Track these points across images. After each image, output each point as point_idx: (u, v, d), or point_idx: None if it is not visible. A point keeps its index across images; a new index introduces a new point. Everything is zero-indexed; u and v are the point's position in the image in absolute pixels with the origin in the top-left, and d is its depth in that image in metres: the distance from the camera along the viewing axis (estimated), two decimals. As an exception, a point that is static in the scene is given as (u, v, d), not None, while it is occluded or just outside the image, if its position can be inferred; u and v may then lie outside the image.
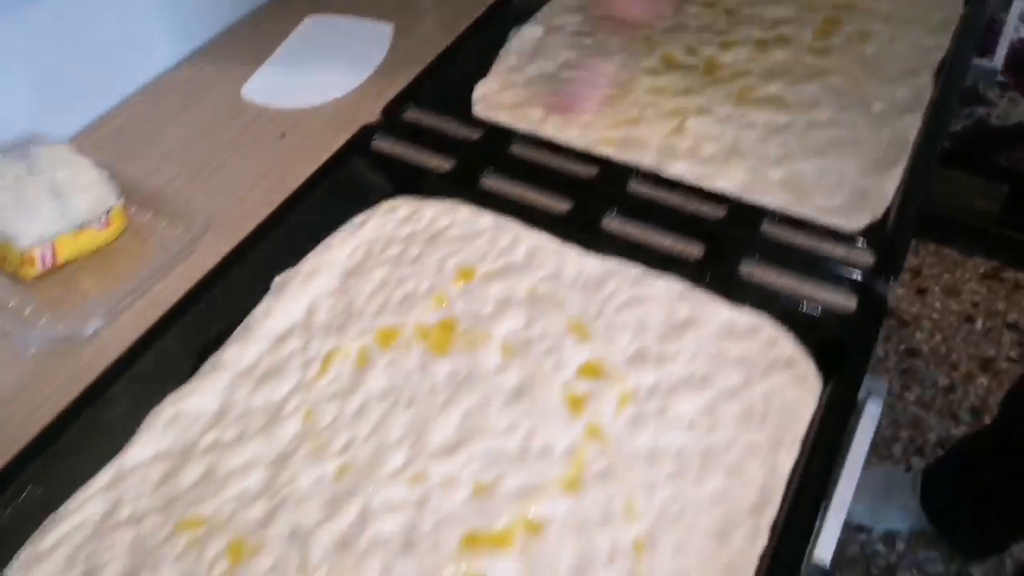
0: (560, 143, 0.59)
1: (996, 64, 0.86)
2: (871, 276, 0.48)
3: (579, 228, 0.53)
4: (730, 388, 0.45)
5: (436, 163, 0.59)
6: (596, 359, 0.47)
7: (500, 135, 0.60)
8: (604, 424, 0.45)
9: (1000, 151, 1.45)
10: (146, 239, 0.57)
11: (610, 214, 0.54)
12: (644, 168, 0.57)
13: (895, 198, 0.54)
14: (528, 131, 0.61)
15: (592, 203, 0.54)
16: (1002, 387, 1.45)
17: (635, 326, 0.49)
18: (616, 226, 0.53)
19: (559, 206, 0.55)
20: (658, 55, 0.68)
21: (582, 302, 0.50)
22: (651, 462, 0.43)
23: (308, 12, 0.77)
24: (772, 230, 0.52)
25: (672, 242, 0.52)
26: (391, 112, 0.62)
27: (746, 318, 0.48)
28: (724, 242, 0.51)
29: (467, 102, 0.65)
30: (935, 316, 1.59)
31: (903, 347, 1.54)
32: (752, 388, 0.45)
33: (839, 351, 0.45)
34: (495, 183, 0.57)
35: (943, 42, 0.67)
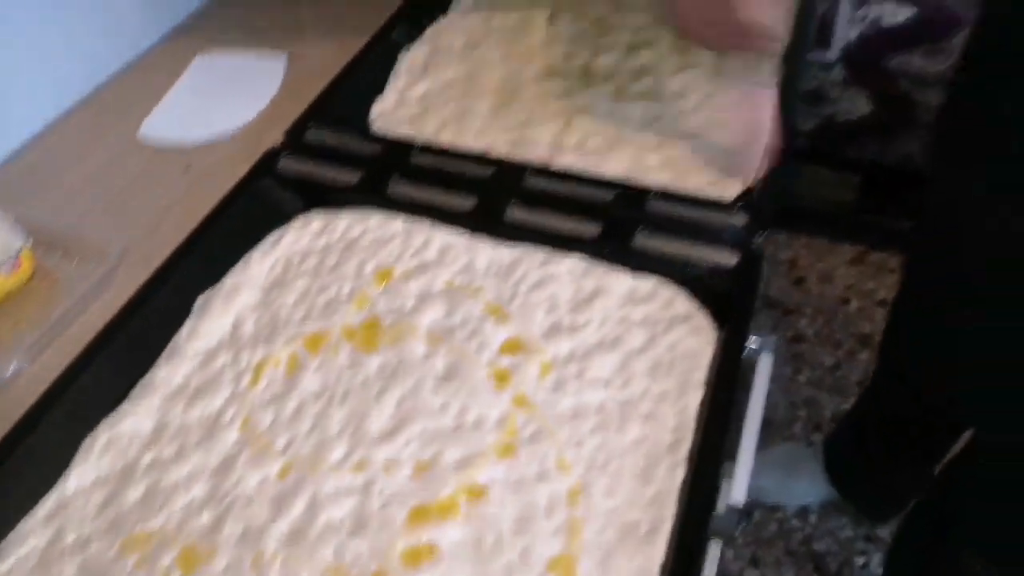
0: (458, 149, 0.63)
1: (831, 56, 0.97)
2: (746, 234, 0.54)
3: (485, 222, 0.57)
4: (638, 347, 0.50)
5: (343, 177, 0.62)
6: (515, 336, 0.51)
7: (401, 147, 0.63)
8: (529, 392, 0.48)
9: (849, 144, 1.60)
10: (58, 279, 0.57)
11: (512, 206, 0.58)
12: (537, 163, 0.62)
13: (760, 170, 0.60)
14: (426, 141, 0.65)
15: (494, 198, 0.58)
16: (880, 357, 1.58)
17: (547, 303, 0.53)
18: (519, 216, 0.58)
19: (464, 204, 0.59)
20: (539, 64, 0.73)
21: (497, 288, 0.54)
22: (576, 420, 0.47)
23: (199, 50, 0.79)
24: (657, 206, 0.57)
25: (571, 225, 0.57)
26: (294, 134, 0.65)
27: (645, 284, 0.53)
28: (617, 220, 0.56)
29: (366, 120, 0.69)
30: (814, 302, 1.72)
31: (790, 334, 1.66)
32: (657, 344, 0.50)
33: (728, 301, 0.51)
34: (402, 190, 0.60)
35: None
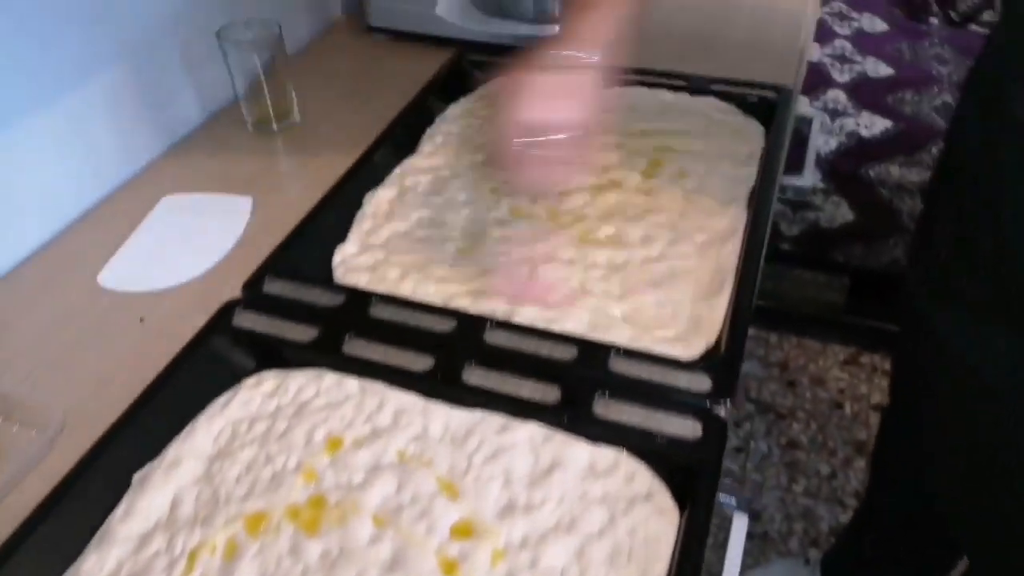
0: (418, 301, 0.62)
1: (806, 182, 0.97)
2: (709, 401, 0.52)
3: (442, 383, 0.56)
4: (597, 529, 0.47)
5: (299, 333, 0.60)
6: (467, 518, 0.48)
7: (360, 299, 0.62)
8: (480, 582, 0.45)
9: (835, 248, 1.60)
10: (-5, 447, 0.55)
11: (470, 366, 0.56)
12: (498, 317, 0.60)
13: (724, 323, 0.59)
14: (387, 292, 0.63)
15: (452, 357, 0.57)
16: (876, 466, 1.54)
17: (503, 476, 0.50)
18: (477, 378, 0.56)
19: (421, 363, 0.57)
20: (506, 206, 0.73)
21: (450, 458, 0.52)
22: (529, 614, 0.44)
23: (165, 192, 0.79)
24: (619, 366, 0.55)
25: (531, 388, 0.55)
26: (251, 286, 0.63)
27: (605, 455, 0.51)
28: (577, 382, 0.54)
29: (328, 267, 0.68)
30: (808, 406, 1.69)
31: (784, 440, 1.62)
32: (617, 526, 0.47)
33: (690, 477, 0.48)
34: (358, 348, 0.59)
35: (751, 172, 0.75)
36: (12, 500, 0.52)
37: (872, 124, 1.50)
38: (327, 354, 0.58)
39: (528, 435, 0.52)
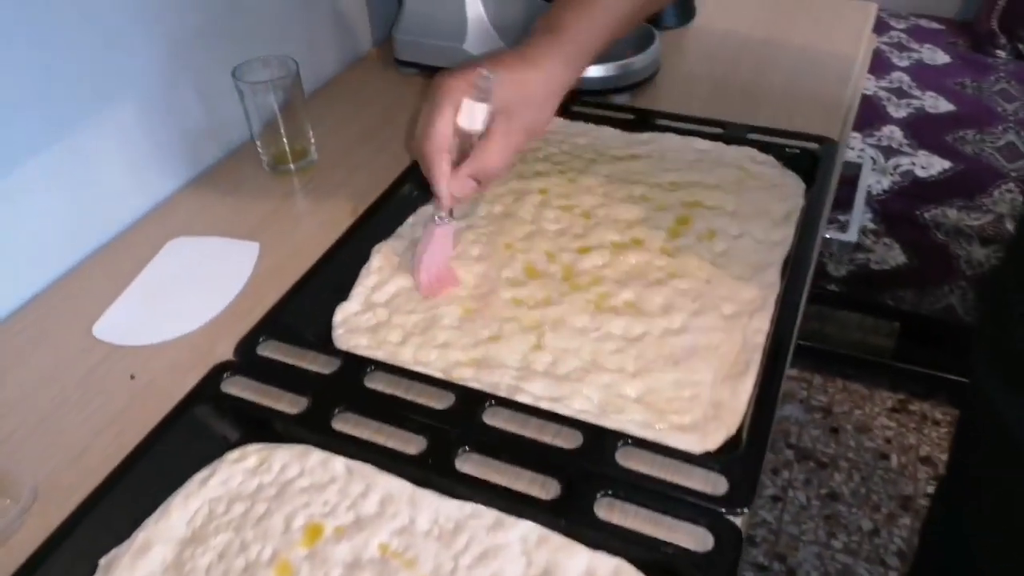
0: (416, 370, 0.58)
1: (851, 238, 0.91)
2: (725, 506, 0.47)
3: (434, 469, 0.51)
4: (589, 652, 0.43)
5: (289, 403, 0.57)
6: (448, 628, 0.44)
7: (356, 367, 0.58)
8: None
9: (885, 292, 1.52)
10: (-35, 516, 0.52)
11: (465, 452, 0.52)
12: (500, 394, 0.56)
13: (747, 412, 0.54)
14: (385, 359, 0.60)
15: (447, 440, 0.53)
16: (923, 525, 1.45)
17: (491, 582, 0.46)
18: (472, 466, 0.52)
19: (414, 445, 0.53)
20: (520, 264, 0.69)
21: (436, 557, 0.47)
22: None
23: (173, 234, 0.76)
24: (627, 459, 0.51)
25: (529, 479, 0.51)
26: (244, 348, 0.60)
27: (604, 564, 0.46)
28: (580, 478, 0.50)
29: (328, 326, 0.64)
30: (851, 456, 1.60)
31: (823, 491, 1.54)
32: (611, 650, 0.42)
33: (698, 598, 0.43)
34: (349, 423, 0.55)
35: (787, 235, 0.69)
36: (-21, 575, 0.49)
37: (929, 164, 1.42)
38: (316, 428, 0.55)
39: (522, 535, 0.48)
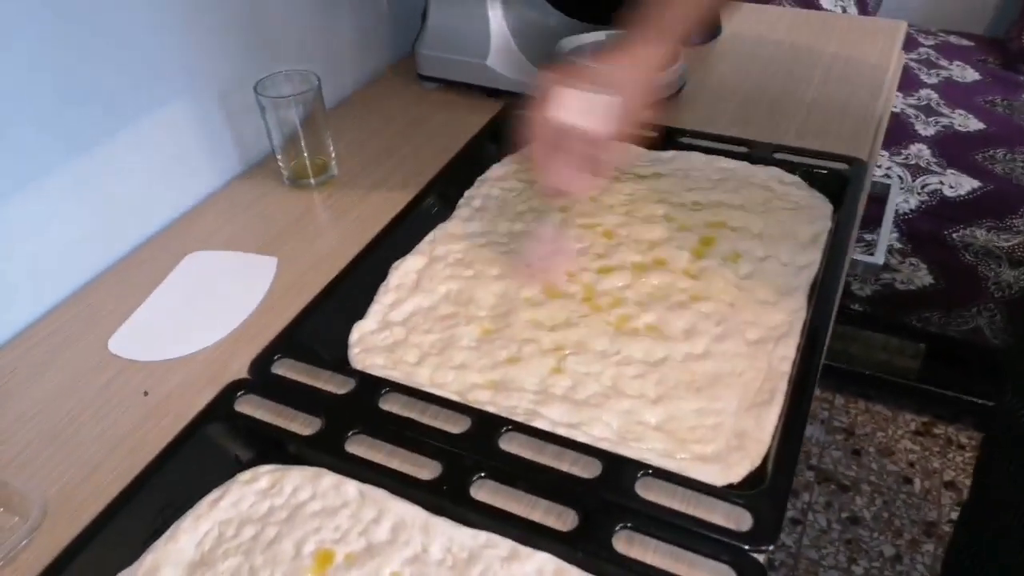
0: (432, 391, 0.57)
1: (878, 260, 0.89)
2: (748, 542, 0.46)
3: (448, 496, 0.50)
4: None
5: (302, 423, 0.56)
6: (460, 663, 0.43)
7: (371, 387, 0.57)
8: None
9: (910, 312, 1.49)
10: (-27, 533, 0.52)
11: (480, 478, 0.51)
12: (517, 418, 0.55)
13: (773, 443, 0.52)
14: (400, 379, 0.59)
15: (462, 466, 0.51)
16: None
17: (505, 615, 0.45)
18: (486, 493, 0.50)
19: (428, 470, 0.52)
20: (540, 284, 0.68)
21: (448, 588, 0.46)
22: None
23: (192, 247, 0.76)
24: (647, 490, 0.49)
25: (545, 509, 0.49)
26: (258, 367, 0.60)
27: (622, 601, 0.44)
28: (598, 509, 0.48)
29: (344, 344, 0.63)
30: (873, 479, 1.57)
31: (844, 515, 1.51)
32: None
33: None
34: (363, 446, 0.54)
35: (815, 258, 0.68)
36: (-14, 592, 0.49)
37: (958, 184, 1.39)
38: (329, 450, 0.54)
39: (538, 567, 0.46)
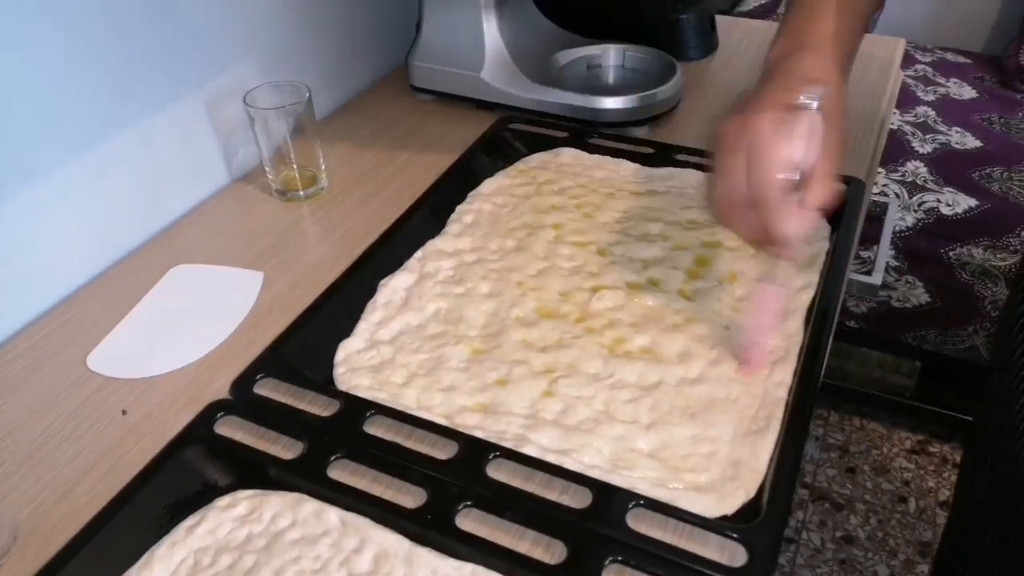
0: (419, 415, 0.56)
1: (875, 281, 0.88)
2: (743, 579, 0.44)
3: (433, 525, 0.49)
4: None
5: (284, 447, 0.54)
6: None
7: (355, 410, 0.56)
8: None
9: (906, 330, 1.48)
10: (-59, 558, 0.50)
11: (466, 507, 0.49)
12: (506, 443, 0.53)
13: (768, 472, 0.51)
14: (386, 401, 0.57)
15: (447, 494, 0.50)
16: None
17: (489, 653, 0.43)
18: (472, 523, 0.49)
19: (412, 498, 0.50)
20: (532, 303, 0.66)
21: (431, 623, 0.44)
22: None
23: (177, 260, 0.74)
24: (638, 522, 0.48)
25: (532, 540, 0.48)
26: (240, 386, 0.58)
27: (611, 639, 0.43)
28: (587, 541, 0.47)
29: (330, 363, 0.62)
30: (868, 498, 1.56)
31: (839, 534, 1.49)
32: None
33: None
34: (346, 471, 0.52)
35: (812, 280, 0.66)
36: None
37: (955, 202, 1.38)
38: (311, 476, 0.52)
39: (523, 603, 0.45)
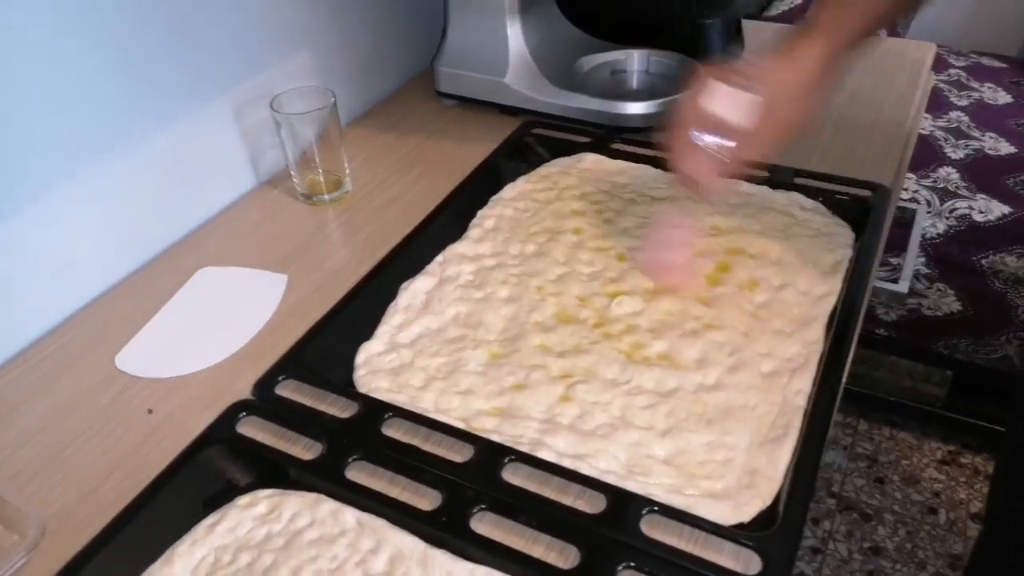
0: (437, 418, 0.56)
1: (902, 289, 0.87)
2: (757, 590, 0.44)
3: (448, 528, 0.49)
4: None
5: (303, 448, 0.55)
6: None
7: (374, 412, 0.56)
8: None
9: (938, 339, 1.45)
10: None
11: (481, 510, 0.49)
12: (522, 447, 0.53)
13: (785, 481, 0.50)
14: (405, 404, 0.58)
15: (463, 497, 0.50)
16: (973, 588, 1.37)
17: (501, 657, 0.43)
18: (487, 526, 0.49)
19: (429, 500, 0.51)
20: (551, 308, 0.66)
21: (444, 624, 0.45)
22: None
23: (204, 263, 0.76)
24: (653, 528, 0.48)
25: (547, 545, 0.48)
26: (262, 387, 0.59)
27: (622, 646, 0.43)
28: (601, 546, 0.47)
29: (350, 365, 0.63)
30: (897, 508, 1.53)
31: (866, 545, 1.47)
32: None
33: None
34: (364, 472, 0.53)
35: (834, 288, 0.66)
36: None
37: (988, 209, 1.36)
38: (329, 476, 0.53)
39: (536, 607, 0.45)
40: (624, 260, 0.71)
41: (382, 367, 0.62)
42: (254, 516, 0.51)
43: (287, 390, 0.59)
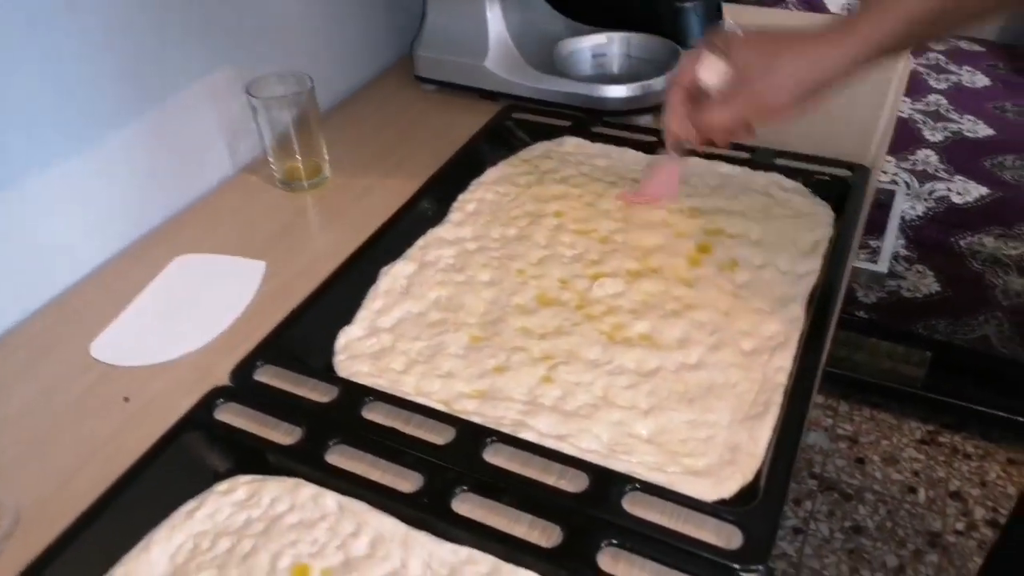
0: (417, 400, 0.56)
1: (881, 269, 0.87)
2: (738, 561, 0.44)
3: (429, 509, 0.49)
4: None
5: (283, 433, 0.54)
6: None
7: (354, 396, 0.56)
8: None
9: (917, 320, 1.47)
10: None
11: (463, 491, 0.49)
12: (504, 429, 0.53)
13: (766, 457, 0.50)
14: (385, 388, 0.57)
15: (444, 478, 0.50)
16: (953, 565, 1.39)
17: (484, 637, 0.43)
18: (469, 507, 0.49)
19: (410, 482, 0.50)
20: (532, 291, 0.66)
21: (427, 605, 0.45)
22: None
23: (181, 250, 0.75)
24: (635, 506, 0.48)
25: (529, 524, 0.48)
26: (240, 373, 0.58)
27: (605, 623, 0.43)
28: (584, 525, 0.47)
29: (330, 350, 0.62)
30: (877, 488, 1.55)
31: (847, 524, 1.49)
32: None
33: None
34: (344, 456, 0.53)
35: (814, 267, 0.66)
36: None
37: (966, 190, 1.37)
38: (309, 461, 0.52)
39: (519, 586, 0.45)
40: (606, 243, 0.70)
41: (362, 351, 0.61)
42: (233, 502, 0.51)
43: (266, 376, 0.59)
